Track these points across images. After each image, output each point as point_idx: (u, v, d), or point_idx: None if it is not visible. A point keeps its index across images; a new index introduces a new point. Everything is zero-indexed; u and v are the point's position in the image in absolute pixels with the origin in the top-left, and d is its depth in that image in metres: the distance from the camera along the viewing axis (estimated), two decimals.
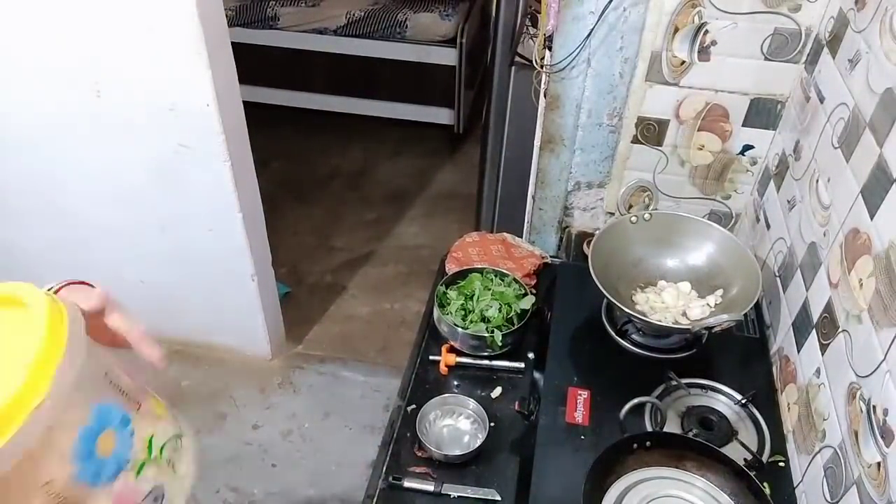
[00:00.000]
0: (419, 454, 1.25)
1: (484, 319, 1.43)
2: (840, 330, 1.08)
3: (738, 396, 1.29)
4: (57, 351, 0.56)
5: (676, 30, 1.41)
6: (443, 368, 1.41)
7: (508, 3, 1.50)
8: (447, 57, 3.29)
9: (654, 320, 1.34)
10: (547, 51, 1.47)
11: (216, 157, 1.87)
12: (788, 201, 1.39)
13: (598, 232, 1.46)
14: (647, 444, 1.10)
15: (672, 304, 1.41)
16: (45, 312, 0.57)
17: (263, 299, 2.28)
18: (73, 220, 2.23)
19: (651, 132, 1.56)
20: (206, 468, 1.98)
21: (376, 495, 1.18)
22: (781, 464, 1.20)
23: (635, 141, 1.59)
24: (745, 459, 1.16)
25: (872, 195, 1.03)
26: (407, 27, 3.27)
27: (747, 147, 1.55)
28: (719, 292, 1.40)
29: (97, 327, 0.68)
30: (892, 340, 0.92)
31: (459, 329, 1.39)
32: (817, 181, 1.25)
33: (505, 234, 1.72)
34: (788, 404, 1.26)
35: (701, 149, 1.57)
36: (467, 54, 3.27)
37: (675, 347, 1.38)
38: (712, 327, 1.25)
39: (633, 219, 1.47)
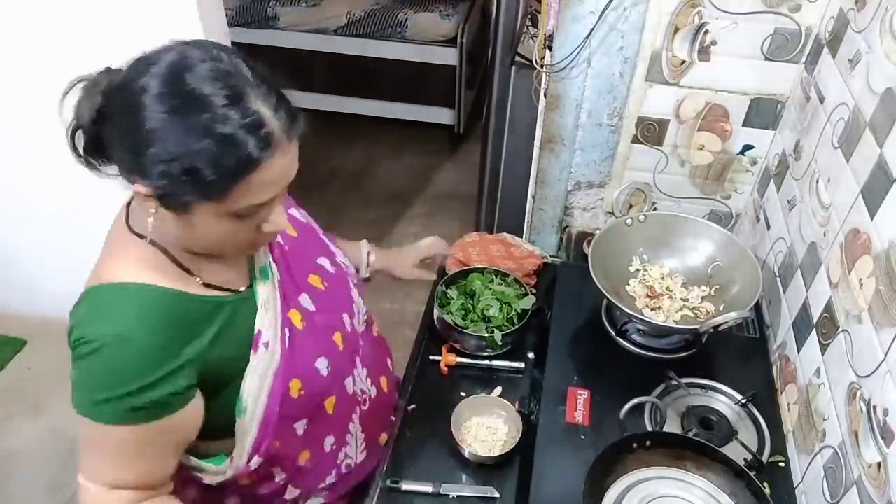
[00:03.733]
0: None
1: (484, 319, 1.43)
2: (840, 330, 1.08)
3: (738, 396, 1.29)
4: None
5: (676, 30, 1.41)
6: (443, 368, 1.41)
7: (508, 3, 1.50)
8: (447, 57, 3.29)
9: (658, 321, 1.34)
10: (547, 51, 1.47)
11: None
12: (788, 201, 1.39)
13: (598, 232, 1.46)
14: (647, 443, 1.10)
15: (657, 278, 1.45)
16: None
17: None
18: (75, 220, 2.22)
19: (651, 132, 1.56)
20: None
21: (375, 496, 1.18)
22: (781, 464, 1.20)
23: (635, 141, 1.59)
24: (745, 459, 1.15)
25: (872, 195, 1.03)
26: (407, 27, 3.27)
27: (747, 147, 1.55)
28: (715, 287, 1.42)
29: None
30: (893, 340, 0.92)
31: (459, 329, 1.39)
32: (817, 181, 1.25)
33: (505, 234, 1.72)
34: (788, 404, 1.26)
35: (701, 149, 1.57)
36: (467, 54, 3.27)
37: (675, 347, 1.38)
38: (719, 326, 1.25)
39: (629, 221, 1.47)
